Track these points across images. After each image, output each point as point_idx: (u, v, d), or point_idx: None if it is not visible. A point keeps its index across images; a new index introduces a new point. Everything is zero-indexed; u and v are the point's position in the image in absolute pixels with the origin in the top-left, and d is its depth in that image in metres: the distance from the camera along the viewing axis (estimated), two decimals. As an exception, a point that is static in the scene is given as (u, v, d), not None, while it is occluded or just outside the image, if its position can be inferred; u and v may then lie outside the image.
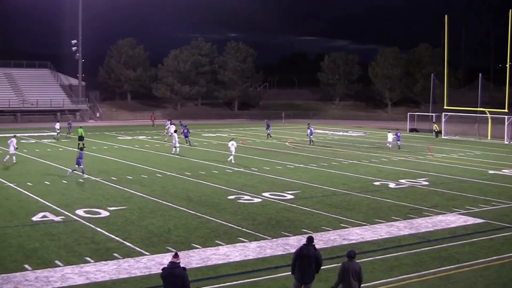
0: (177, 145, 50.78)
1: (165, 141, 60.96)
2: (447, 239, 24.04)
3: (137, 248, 21.98)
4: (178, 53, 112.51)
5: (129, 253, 21.34)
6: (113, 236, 23.57)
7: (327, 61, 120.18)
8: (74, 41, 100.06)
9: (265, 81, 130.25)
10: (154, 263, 20.21)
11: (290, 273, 16.79)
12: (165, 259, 19.96)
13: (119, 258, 20.67)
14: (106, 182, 36.25)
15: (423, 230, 25.45)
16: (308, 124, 64.66)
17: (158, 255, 21.18)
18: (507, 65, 72.31)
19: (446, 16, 76.15)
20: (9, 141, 44.83)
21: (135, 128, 73.62)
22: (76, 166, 38.13)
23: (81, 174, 38.07)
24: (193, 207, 29.27)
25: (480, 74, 76.86)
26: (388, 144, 58.31)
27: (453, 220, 27.52)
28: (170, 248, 21.86)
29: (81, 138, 55.52)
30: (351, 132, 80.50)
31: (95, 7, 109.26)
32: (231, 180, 37.67)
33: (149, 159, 47.79)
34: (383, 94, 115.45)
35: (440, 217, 27.94)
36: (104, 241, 22.88)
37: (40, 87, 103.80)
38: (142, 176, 38.93)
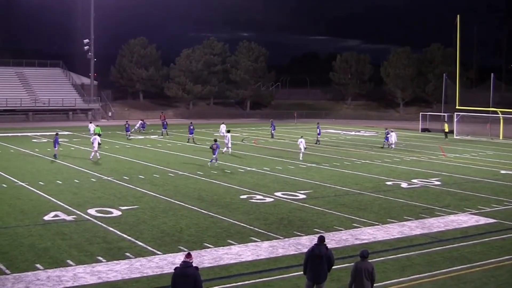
0: (230, 145, 50.52)
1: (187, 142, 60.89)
2: (458, 239, 23.99)
3: (149, 248, 22.01)
4: (190, 52, 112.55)
5: (141, 253, 21.37)
6: (125, 236, 23.61)
7: (339, 61, 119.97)
8: (86, 40, 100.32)
9: (277, 80, 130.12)
10: (166, 262, 20.24)
11: (302, 273, 16.78)
12: (177, 258, 20.01)
13: (131, 258, 20.71)
14: (118, 182, 36.32)
15: (435, 230, 25.40)
16: (318, 123, 64.71)
17: (170, 254, 21.20)
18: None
19: (458, 16, 75.94)
20: (92, 139, 47.63)
21: (147, 128, 73.57)
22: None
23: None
24: (205, 207, 29.28)
25: (492, 74, 76.66)
26: (392, 145, 57.53)
27: (465, 220, 27.45)
28: (182, 248, 21.90)
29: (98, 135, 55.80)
30: (363, 132, 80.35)
31: (107, 6, 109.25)
32: (243, 180, 37.68)
33: (161, 158, 47.85)
34: (395, 94, 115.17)
35: (452, 217, 27.88)
36: (116, 241, 22.93)
37: (52, 86, 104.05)
38: (154, 175, 38.99)
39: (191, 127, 61.74)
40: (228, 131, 52.51)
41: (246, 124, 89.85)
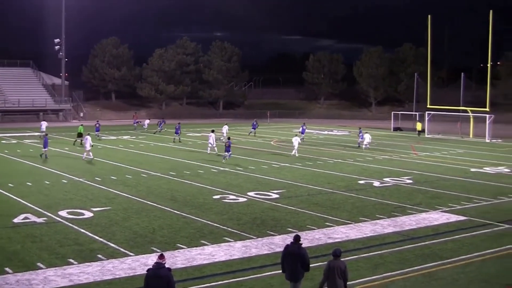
0: (214, 144, 51.15)
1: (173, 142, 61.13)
2: (430, 237, 24.20)
3: (122, 249, 21.89)
4: (163, 52, 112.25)
5: (113, 254, 21.24)
6: (97, 237, 23.45)
7: (312, 61, 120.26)
8: (57, 40, 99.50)
9: (250, 80, 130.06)
10: (139, 263, 20.14)
11: (275, 272, 16.95)
12: (150, 259, 19.93)
13: (103, 260, 20.58)
14: (89, 183, 36.06)
15: (407, 228, 25.60)
16: (304, 124, 67.32)
17: (143, 255, 21.10)
18: (489, 65, 72.74)
19: (429, 16, 76.44)
20: (84, 139, 48.37)
21: (119, 128, 73.30)
22: None
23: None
24: (178, 207, 29.20)
25: (462, 73, 77.28)
26: (366, 145, 56.94)
27: (436, 217, 27.70)
28: (155, 249, 21.81)
29: (80, 134, 57.26)
30: (336, 131, 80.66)
31: (78, 5, 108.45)
32: (216, 180, 37.63)
33: (134, 159, 47.62)
34: (367, 93, 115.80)
35: (423, 215, 28.11)
36: (88, 242, 22.75)
37: (22, 86, 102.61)
38: (127, 176, 38.80)
39: (177, 127, 62.85)
40: (212, 131, 52.63)
41: (219, 124, 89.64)
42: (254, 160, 47.01)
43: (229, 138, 49.22)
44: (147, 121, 78.91)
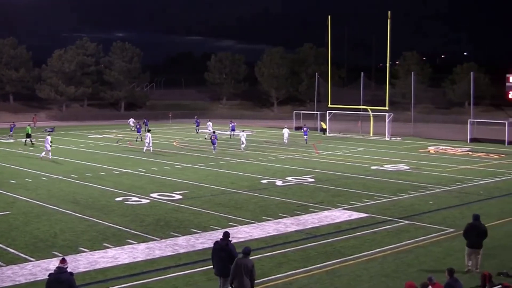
0: (151, 143, 53.03)
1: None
2: (332, 234, 24.65)
3: (22, 255, 21.39)
4: (63, 53, 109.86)
5: (13, 260, 20.73)
6: (-5, 243, 22.83)
7: (214, 61, 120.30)
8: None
9: (152, 81, 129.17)
10: (40, 269, 19.72)
11: (179, 273, 17.02)
12: (52, 264, 19.57)
13: (2, 266, 20.06)
14: (-13, 187, 35.03)
15: (310, 226, 25.99)
16: (304, 125, 69.99)
17: (44, 260, 20.69)
18: (387, 65, 74.67)
19: (329, 16, 77.80)
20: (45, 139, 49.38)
21: (18, 131, 71.11)
22: None
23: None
24: (80, 210, 28.75)
25: (362, 73, 78.93)
26: (284, 140, 60.86)
27: (338, 215, 28.24)
28: (56, 253, 21.40)
29: (28, 135, 59.11)
30: (238, 131, 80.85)
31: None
32: (118, 182, 37.21)
33: (34, 162, 46.46)
34: (269, 93, 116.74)
35: (325, 213, 28.60)
36: (-14, 248, 22.12)
37: None
38: (26, 179, 37.87)
39: (138, 126, 66.17)
40: (149, 130, 55.10)
41: (121, 125, 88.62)
42: (156, 161, 46.69)
43: (214, 132, 56.55)
44: (131, 120, 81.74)
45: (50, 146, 48.41)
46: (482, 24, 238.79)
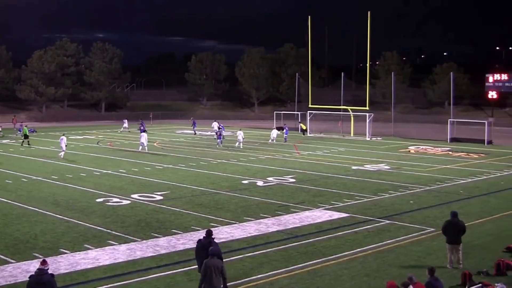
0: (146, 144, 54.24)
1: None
2: (313, 234, 24.67)
3: (2, 256, 21.23)
4: (43, 53, 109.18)
5: (-8, 262, 20.56)
6: (-26, 245, 22.63)
7: (194, 61, 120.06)
8: None
9: (133, 82, 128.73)
10: (21, 270, 19.59)
11: (161, 274, 17.03)
12: (32, 266, 19.44)
13: (-19, 268, 19.88)
14: (-35, 189, 34.73)
15: (291, 226, 26.00)
16: (284, 124, 70.56)
17: (24, 262, 20.54)
18: (367, 65, 74.94)
19: (309, 17, 78.00)
20: (59, 139, 50.93)
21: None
22: None
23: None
24: (61, 212, 28.59)
25: (342, 73, 79.12)
26: (271, 140, 62.65)
27: (319, 215, 28.26)
28: (37, 255, 21.26)
29: (26, 136, 59.88)
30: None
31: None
32: (99, 183, 37.04)
33: (14, 163, 46.12)
34: (250, 94, 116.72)
35: (306, 213, 28.62)
36: (-35, 250, 21.92)
37: None
38: (6, 181, 37.60)
39: (142, 128, 68.06)
40: (145, 131, 57.80)
41: (102, 126, 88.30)
42: (137, 162, 46.53)
43: (219, 128, 61.00)
44: (126, 121, 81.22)
45: (65, 146, 50.15)
46: (461, 24, 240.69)
